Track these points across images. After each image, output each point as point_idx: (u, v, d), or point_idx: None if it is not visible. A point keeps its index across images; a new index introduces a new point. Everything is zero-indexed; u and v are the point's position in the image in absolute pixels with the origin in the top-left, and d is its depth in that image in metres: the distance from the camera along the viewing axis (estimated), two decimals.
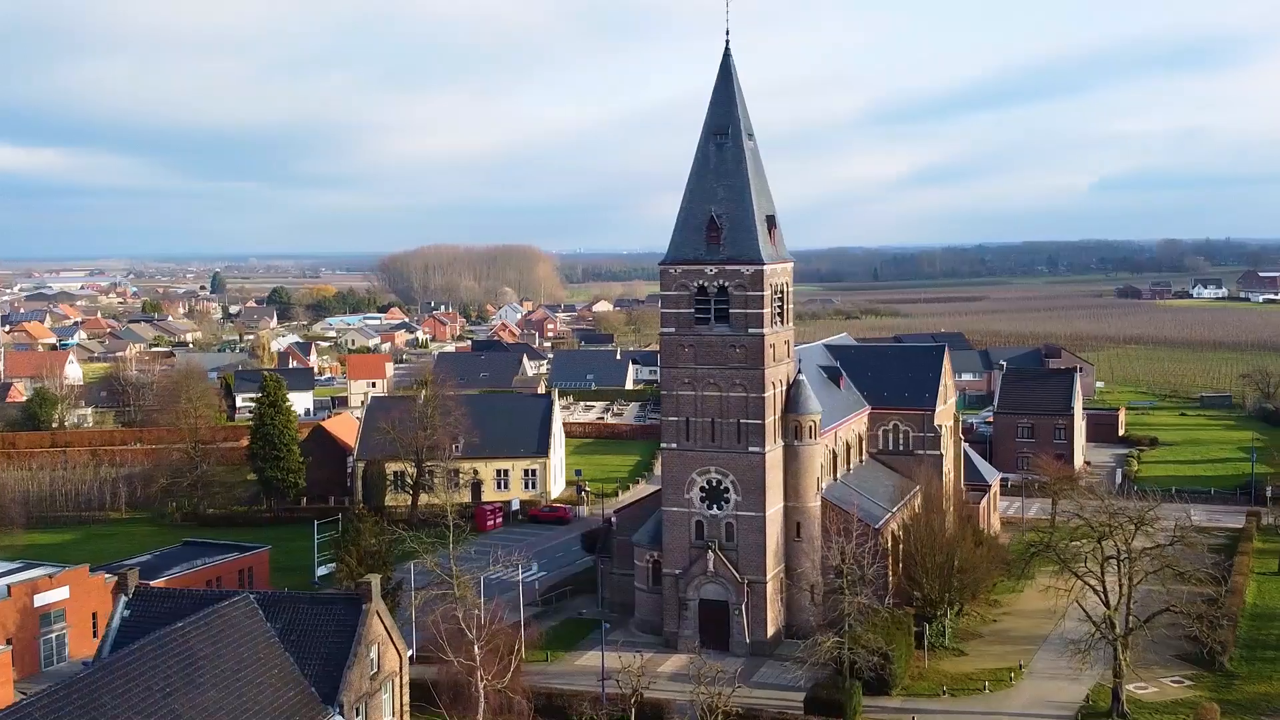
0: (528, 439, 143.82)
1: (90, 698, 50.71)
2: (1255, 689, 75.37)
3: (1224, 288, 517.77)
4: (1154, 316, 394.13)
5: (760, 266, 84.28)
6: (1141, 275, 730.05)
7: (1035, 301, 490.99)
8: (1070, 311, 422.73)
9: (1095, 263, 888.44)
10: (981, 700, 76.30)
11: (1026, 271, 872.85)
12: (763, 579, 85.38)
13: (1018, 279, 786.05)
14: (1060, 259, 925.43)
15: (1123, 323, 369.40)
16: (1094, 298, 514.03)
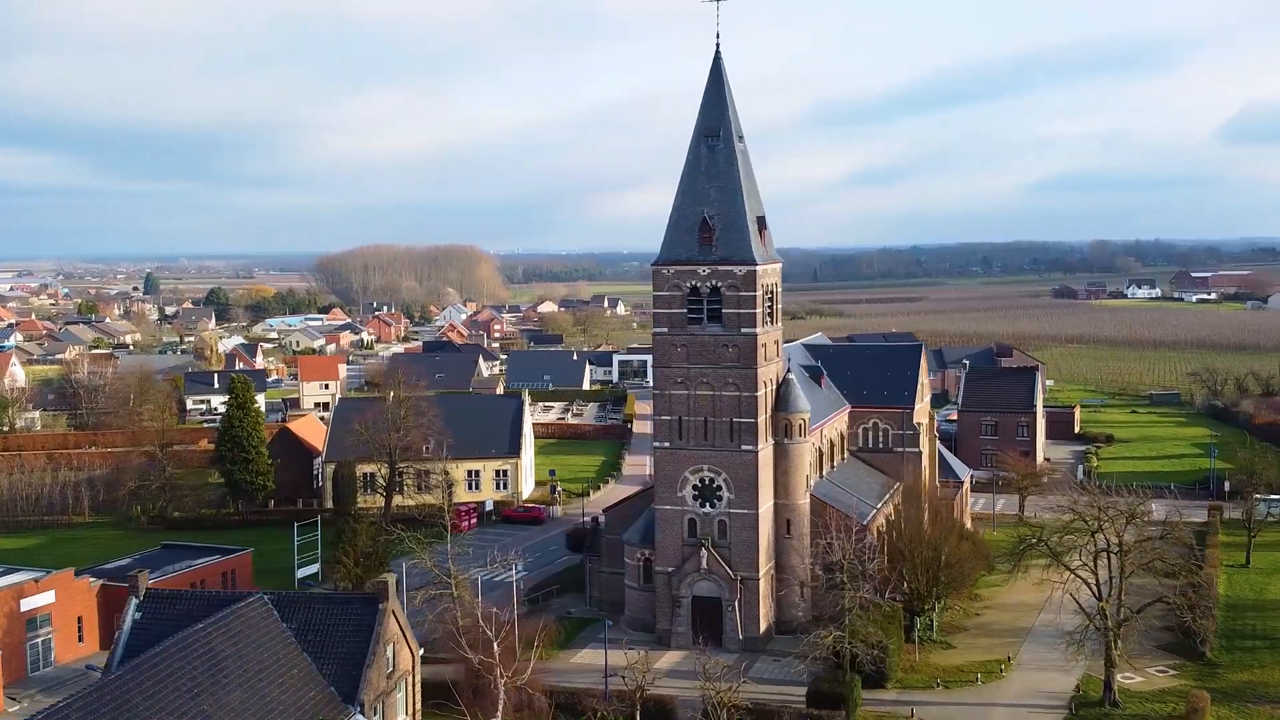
0: (499, 439, 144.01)
1: (122, 698, 50.66)
2: (1238, 677, 77.82)
3: (1157, 288, 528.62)
4: (1092, 316, 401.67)
5: (753, 267, 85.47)
6: (1075, 276, 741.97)
7: (974, 302, 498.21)
8: (1010, 312, 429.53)
9: (1028, 264, 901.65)
10: (974, 692, 77.99)
11: (961, 272, 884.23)
12: (755, 575, 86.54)
13: (953, 280, 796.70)
14: (994, 260, 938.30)
15: (1063, 322, 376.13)
16: (1031, 298, 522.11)
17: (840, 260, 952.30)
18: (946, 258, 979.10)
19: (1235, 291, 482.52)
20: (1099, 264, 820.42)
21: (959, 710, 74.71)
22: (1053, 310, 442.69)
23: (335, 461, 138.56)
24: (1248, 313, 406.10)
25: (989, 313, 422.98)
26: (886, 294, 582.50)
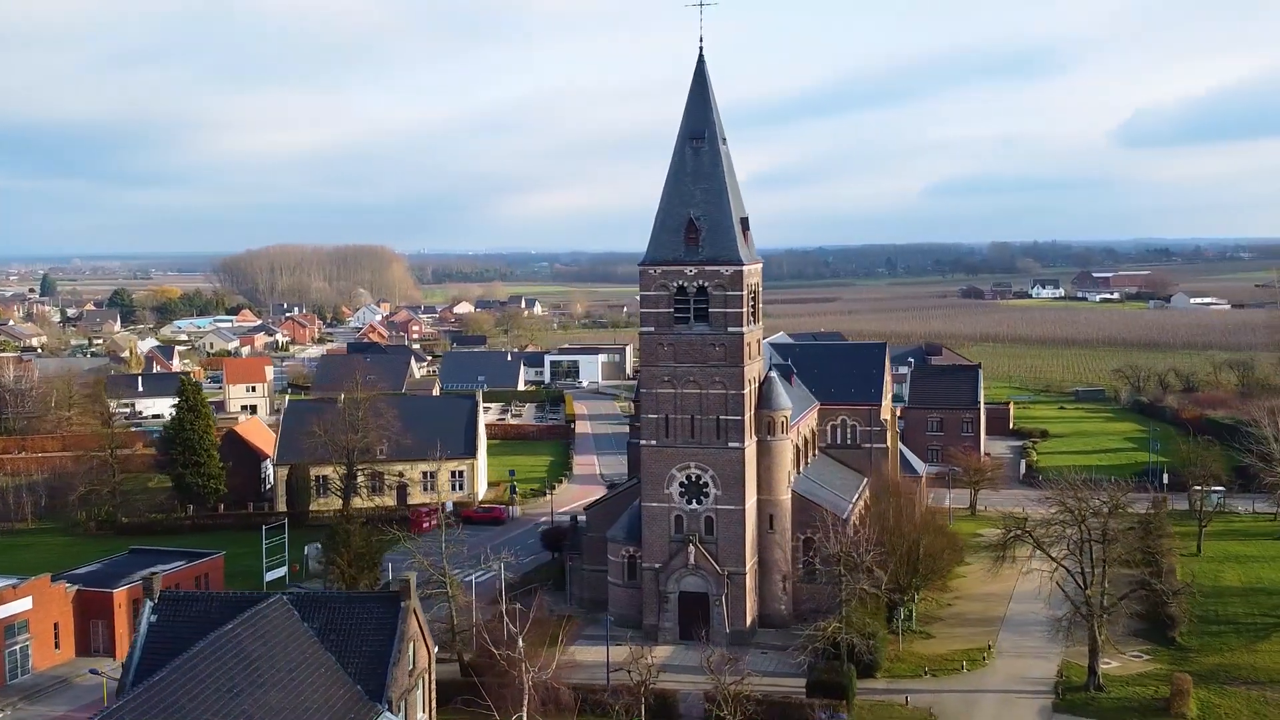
0: (455, 440, 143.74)
1: (170, 699, 50.56)
2: (1210, 660, 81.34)
3: (1060, 288, 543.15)
4: (1002, 316, 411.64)
5: (740, 267, 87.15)
6: (978, 276, 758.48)
7: (888, 302, 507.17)
8: (923, 311, 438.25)
9: (931, 264, 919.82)
10: (962, 679, 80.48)
11: (868, 273, 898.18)
12: (742, 570, 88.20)
13: (861, 280, 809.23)
14: (898, 261, 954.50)
15: (975, 321, 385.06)
16: (939, 298, 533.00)
17: None
18: (852, 259, 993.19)
19: (1137, 291, 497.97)
20: (999, 264, 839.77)
21: (950, 697, 77.04)
22: (963, 310, 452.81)
23: (289, 464, 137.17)
24: (1151, 311, 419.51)
25: (904, 312, 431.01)
26: (800, 294, 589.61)
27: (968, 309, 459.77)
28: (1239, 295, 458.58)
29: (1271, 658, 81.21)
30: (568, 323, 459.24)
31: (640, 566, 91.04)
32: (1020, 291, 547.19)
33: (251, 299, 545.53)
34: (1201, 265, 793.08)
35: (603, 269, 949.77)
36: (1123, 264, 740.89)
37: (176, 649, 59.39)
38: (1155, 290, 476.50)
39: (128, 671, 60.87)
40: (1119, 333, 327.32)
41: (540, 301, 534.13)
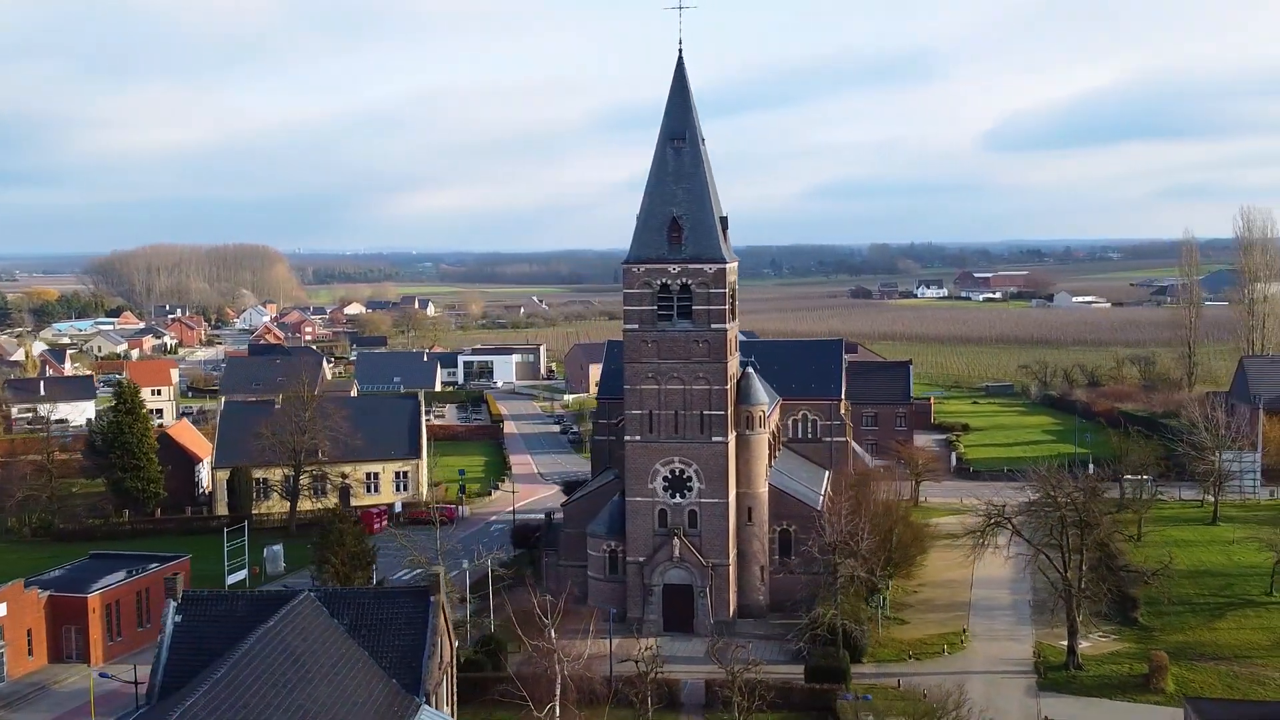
0: (399, 441, 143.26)
1: (238, 695, 50.58)
2: (1174, 638, 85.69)
3: (944, 288, 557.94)
4: (896, 314, 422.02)
5: (723, 265, 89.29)
6: (861, 277, 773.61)
7: (782, 302, 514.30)
8: (817, 311, 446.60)
9: (815, 265, 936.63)
10: (945, 662, 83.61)
11: (754, 274, 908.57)
12: (725, 562, 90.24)
13: (749, 281, 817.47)
14: (783, 262, 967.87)
15: (870, 320, 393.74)
16: (830, 298, 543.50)
17: None
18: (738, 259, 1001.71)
19: (1018, 290, 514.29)
20: (880, 266, 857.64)
21: (938, 679, 79.65)
22: (856, 309, 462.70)
23: (229, 467, 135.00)
24: (1038, 310, 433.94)
25: (799, 312, 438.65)
26: None
27: (860, 308, 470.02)
28: (1116, 294, 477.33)
29: (1230, 634, 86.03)
30: (467, 323, 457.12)
31: (623, 560, 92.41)
32: (906, 291, 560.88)
33: (129, 300, 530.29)
34: (1073, 265, 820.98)
35: (489, 270, 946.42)
36: (998, 264, 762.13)
37: (203, 648, 59.51)
38: (1036, 290, 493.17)
39: (155, 672, 60.19)
40: (1010, 330, 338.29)
41: (434, 303, 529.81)
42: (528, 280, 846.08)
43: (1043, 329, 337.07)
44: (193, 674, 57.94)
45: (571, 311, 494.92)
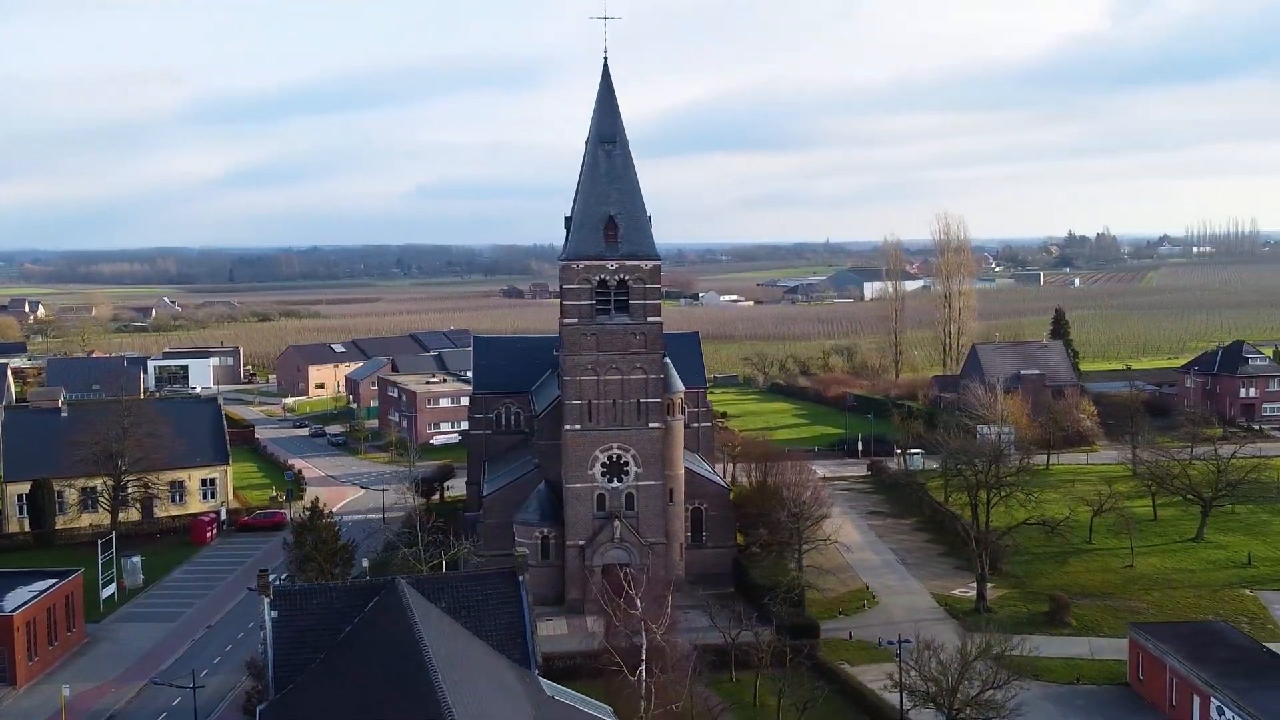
0: (204, 446, 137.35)
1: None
2: (1040, 583, 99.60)
3: None
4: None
5: (657, 261, 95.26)
6: (496, 277, 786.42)
7: (444, 302, 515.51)
8: (490, 310, 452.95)
9: (445, 265, 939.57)
10: (871, 614, 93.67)
11: (382, 274, 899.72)
12: (662, 540, 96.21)
13: (382, 281, 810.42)
14: (410, 261, 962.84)
15: (544, 316, 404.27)
16: (484, 298, 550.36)
17: (250, 260, 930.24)
18: (355, 259, 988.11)
19: (665, 290, 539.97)
20: (512, 266, 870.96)
21: (875, 630, 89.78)
22: (525, 308, 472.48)
23: (28, 480, 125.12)
24: (696, 308, 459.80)
25: (473, 311, 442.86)
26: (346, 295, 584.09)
27: (522, 307, 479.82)
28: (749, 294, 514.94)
29: (1085, 576, 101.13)
30: (86, 324, 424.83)
31: (556, 546, 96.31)
32: (556, 291, 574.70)
33: None
34: (689, 266, 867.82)
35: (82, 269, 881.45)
36: None
37: (305, 641, 60.00)
38: (681, 289, 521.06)
39: (266, 669, 59.75)
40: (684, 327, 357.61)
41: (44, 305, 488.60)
42: (130, 280, 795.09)
43: (713, 325, 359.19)
44: (301, 667, 58.83)
45: (218, 313, 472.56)
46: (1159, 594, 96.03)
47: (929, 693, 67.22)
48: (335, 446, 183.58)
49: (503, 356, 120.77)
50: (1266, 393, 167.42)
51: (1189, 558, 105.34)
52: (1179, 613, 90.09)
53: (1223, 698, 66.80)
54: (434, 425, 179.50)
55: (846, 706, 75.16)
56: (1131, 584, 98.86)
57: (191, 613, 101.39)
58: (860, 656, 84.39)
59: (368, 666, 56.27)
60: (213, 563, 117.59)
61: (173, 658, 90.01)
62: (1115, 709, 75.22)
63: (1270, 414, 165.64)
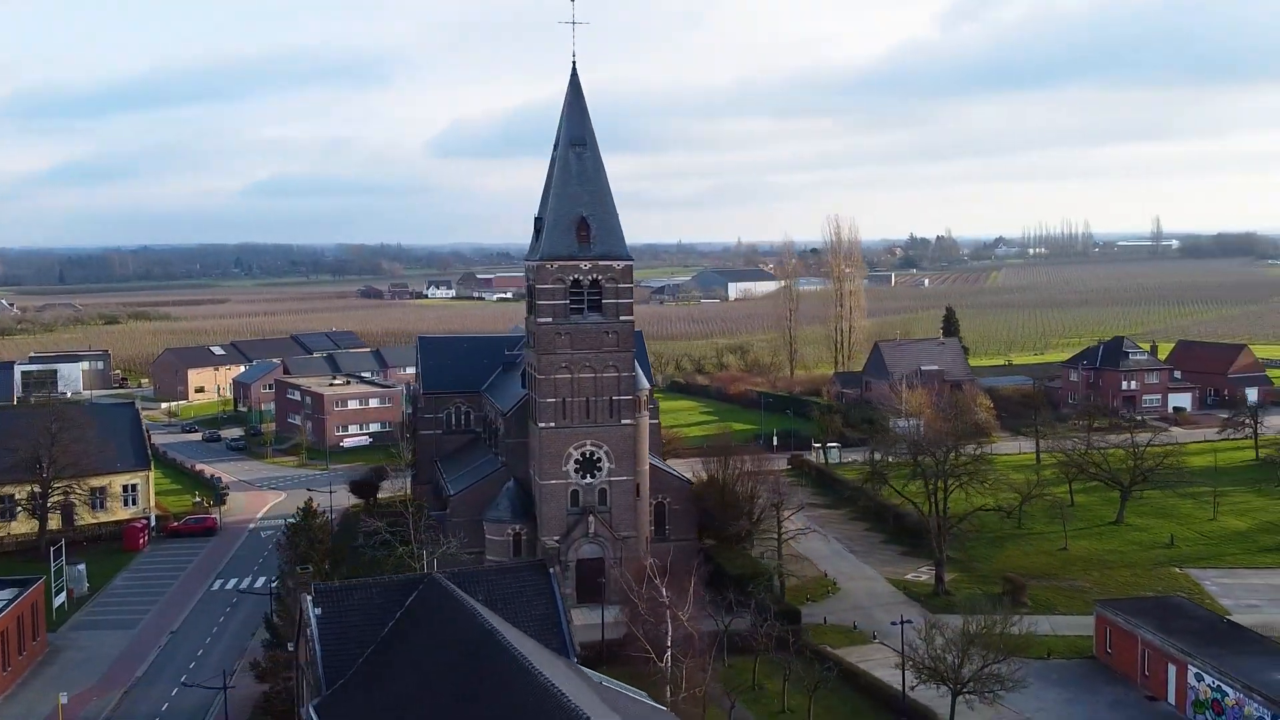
0: (125, 451, 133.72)
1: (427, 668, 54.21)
2: (986, 567, 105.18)
3: (454, 289, 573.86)
4: (434, 313, 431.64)
5: (629, 262, 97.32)
6: (345, 278, 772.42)
7: (300, 304, 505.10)
8: (350, 311, 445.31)
9: (288, 265, 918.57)
10: (837, 600, 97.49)
11: (223, 274, 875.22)
12: (634, 534, 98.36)
13: (224, 281, 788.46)
14: (250, 261, 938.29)
15: (413, 318, 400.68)
16: (340, 299, 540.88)
17: (78, 261, 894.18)
18: (190, 258, 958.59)
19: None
20: (361, 266, 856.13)
21: (847, 615, 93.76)
22: (384, 308, 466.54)
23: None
24: None
25: (330, 313, 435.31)
26: (188, 295, 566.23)
27: (386, 307, 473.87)
28: None
29: (1024, 559, 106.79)
30: None
31: (530, 541, 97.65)
32: (417, 292, 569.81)
33: None
34: None
35: None
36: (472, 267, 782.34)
37: (349, 637, 61.07)
38: None
39: (315, 666, 60.23)
40: None
41: None
42: None
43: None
44: (349, 663, 59.84)
45: (63, 315, 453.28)
46: (1098, 574, 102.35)
47: (936, 669, 71.09)
48: (235, 451, 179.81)
49: (450, 357, 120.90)
50: (1146, 385, 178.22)
51: (1115, 540, 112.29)
52: (1122, 590, 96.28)
53: (1201, 665, 72.41)
54: (342, 428, 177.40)
55: (842, 686, 78.56)
56: (1070, 565, 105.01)
57: (148, 620, 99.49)
58: (840, 640, 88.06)
59: (436, 658, 56.84)
60: (152, 569, 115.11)
61: (145, 664, 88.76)
62: (1087, 680, 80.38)
63: (1149, 405, 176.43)
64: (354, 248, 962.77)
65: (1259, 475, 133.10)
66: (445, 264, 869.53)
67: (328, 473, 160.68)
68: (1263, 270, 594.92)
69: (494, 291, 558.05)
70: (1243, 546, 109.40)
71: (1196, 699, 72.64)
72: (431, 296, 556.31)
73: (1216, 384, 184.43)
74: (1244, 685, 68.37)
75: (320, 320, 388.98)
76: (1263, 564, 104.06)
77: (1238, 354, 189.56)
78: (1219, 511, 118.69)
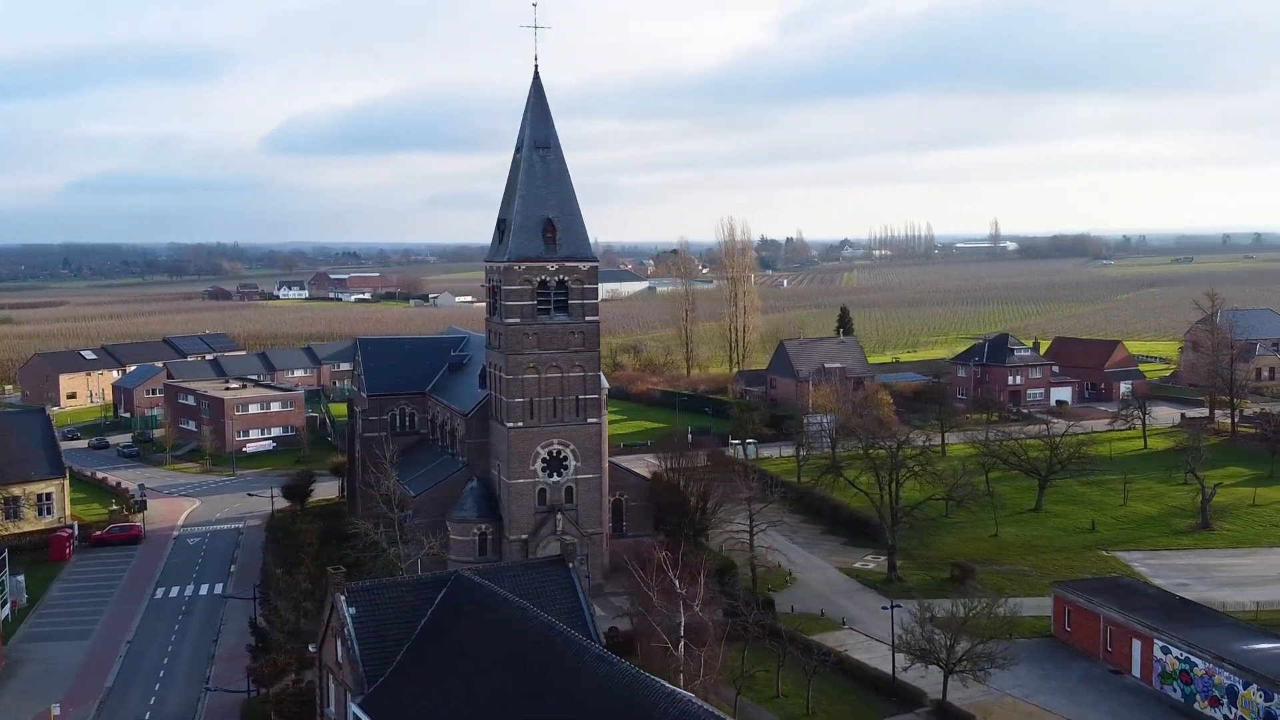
0: (37, 459, 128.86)
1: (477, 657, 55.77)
2: (927, 554, 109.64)
3: (306, 290, 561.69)
4: (302, 315, 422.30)
5: (594, 263, 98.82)
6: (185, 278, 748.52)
7: (146, 305, 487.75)
8: (204, 313, 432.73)
9: (120, 266, 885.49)
10: (796, 590, 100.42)
11: (50, 274, 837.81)
12: (600, 530, 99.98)
13: (54, 282, 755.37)
14: (78, 262, 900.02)
15: (273, 320, 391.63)
16: (187, 300, 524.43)
17: None
18: (13, 259, 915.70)
19: (395, 291, 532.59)
20: (200, 266, 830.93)
21: (812, 603, 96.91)
22: (235, 309, 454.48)
23: None
24: (419, 309, 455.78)
25: (180, 315, 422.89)
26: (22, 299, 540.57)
27: (237, 309, 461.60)
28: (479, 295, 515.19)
29: (961, 546, 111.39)
30: None
31: (496, 540, 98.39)
32: (267, 293, 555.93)
33: None
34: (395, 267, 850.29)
35: None
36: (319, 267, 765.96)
37: (385, 634, 62.26)
38: (411, 290, 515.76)
39: (356, 664, 60.73)
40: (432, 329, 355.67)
41: None
42: None
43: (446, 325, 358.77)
44: (387, 659, 61.06)
45: None
46: (1034, 558, 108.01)
47: (928, 650, 74.80)
48: (129, 458, 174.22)
49: (392, 358, 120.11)
50: (1030, 380, 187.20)
51: (1039, 526, 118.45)
52: (1061, 573, 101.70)
53: (1167, 639, 77.75)
54: (243, 433, 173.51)
55: (828, 670, 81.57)
56: (1004, 551, 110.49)
57: (100, 630, 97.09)
58: (813, 627, 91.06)
59: (492, 650, 57.43)
60: (85, 579, 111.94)
61: (112, 674, 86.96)
62: (1052, 657, 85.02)
63: (1034, 399, 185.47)
64: (191, 247, 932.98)
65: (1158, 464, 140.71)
66: (289, 264, 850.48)
67: (235, 478, 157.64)
68: (1097, 270, 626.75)
69: (350, 292, 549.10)
70: (1157, 530, 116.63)
71: (1163, 671, 77.95)
72: (284, 297, 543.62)
73: (1093, 378, 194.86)
74: (1214, 656, 73.77)
75: (170, 323, 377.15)
76: (1181, 545, 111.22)
77: (1112, 349, 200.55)
78: (1128, 498, 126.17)
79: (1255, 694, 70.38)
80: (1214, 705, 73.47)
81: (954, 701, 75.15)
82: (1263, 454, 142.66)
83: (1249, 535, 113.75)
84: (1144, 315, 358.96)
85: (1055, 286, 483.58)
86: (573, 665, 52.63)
